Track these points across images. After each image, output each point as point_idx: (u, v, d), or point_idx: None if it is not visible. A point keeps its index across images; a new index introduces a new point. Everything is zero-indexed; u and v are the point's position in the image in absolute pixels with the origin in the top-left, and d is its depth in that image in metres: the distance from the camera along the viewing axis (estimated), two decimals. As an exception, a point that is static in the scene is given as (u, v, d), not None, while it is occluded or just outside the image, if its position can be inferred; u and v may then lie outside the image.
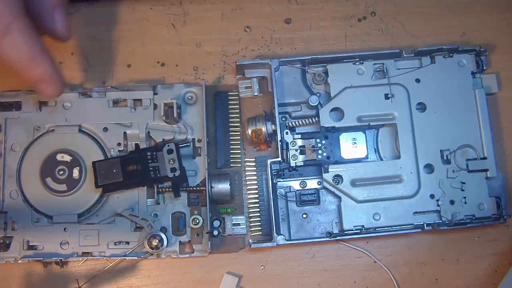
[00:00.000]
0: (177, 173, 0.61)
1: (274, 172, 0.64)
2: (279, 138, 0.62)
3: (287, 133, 0.63)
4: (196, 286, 0.64)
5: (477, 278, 0.64)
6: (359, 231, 0.62)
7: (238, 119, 0.65)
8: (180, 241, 0.63)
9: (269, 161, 0.62)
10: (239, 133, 0.65)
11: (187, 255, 0.63)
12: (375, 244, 0.65)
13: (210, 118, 0.65)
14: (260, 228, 0.64)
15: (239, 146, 0.65)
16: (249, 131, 0.63)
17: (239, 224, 0.64)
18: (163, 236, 0.61)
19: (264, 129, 0.63)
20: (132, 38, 0.68)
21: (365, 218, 0.62)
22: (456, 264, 0.65)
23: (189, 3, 0.69)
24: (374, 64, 0.64)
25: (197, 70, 0.68)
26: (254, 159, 0.65)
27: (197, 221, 0.62)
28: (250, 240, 0.62)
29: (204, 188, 0.62)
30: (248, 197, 0.65)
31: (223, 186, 0.62)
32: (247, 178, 0.65)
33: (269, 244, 0.61)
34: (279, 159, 0.62)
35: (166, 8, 0.69)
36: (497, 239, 0.65)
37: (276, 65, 0.64)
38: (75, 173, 0.63)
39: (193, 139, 0.65)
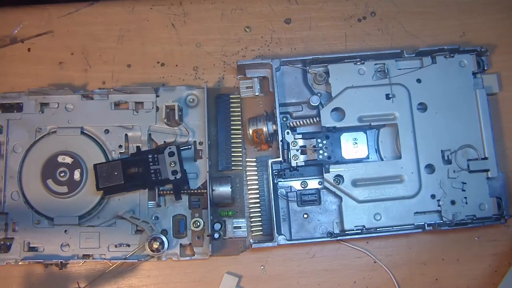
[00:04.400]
0: (178, 175, 0.59)
1: (275, 172, 0.61)
2: (280, 138, 0.60)
3: (288, 133, 0.61)
4: (196, 286, 0.62)
5: (477, 278, 0.62)
6: (360, 231, 0.60)
7: (240, 122, 0.63)
8: (181, 244, 0.61)
9: (270, 161, 0.60)
10: (240, 136, 0.63)
11: (187, 258, 0.61)
12: (375, 244, 0.63)
13: (211, 120, 0.63)
14: (261, 228, 0.62)
15: (241, 149, 0.63)
16: (250, 131, 0.61)
17: (240, 227, 0.62)
18: (164, 238, 0.59)
19: (265, 129, 0.61)
20: (132, 38, 0.66)
21: (366, 218, 0.60)
22: (456, 264, 0.62)
23: (189, 3, 0.67)
24: (375, 64, 0.62)
25: (197, 70, 0.65)
26: (255, 159, 0.63)
27: (198, 223, 0.60)
28: (251, 240, 0.60)
29: (205, 191, 0.60)
30: (249, 197, 0.63)
31: (224, 189, 0.60)
32: (248, 178, 0.63)
33: (270, 244, 0.59)
34: (280, 159, 0.60)
35: (166, 8, 0.66)
36: (497, 239, 0.63)
37: (277, 65, 0.62)
38: (76, 175, 0.61)
39: (195, 141, 0.62)
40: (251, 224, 0.62)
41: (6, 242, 0.60)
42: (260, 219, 0.62)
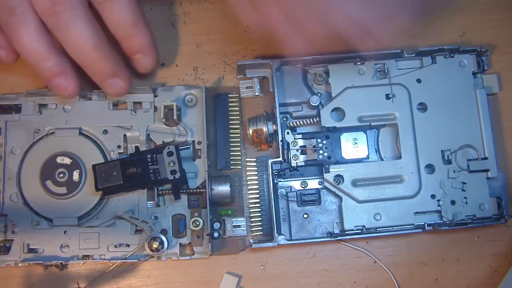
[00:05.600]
0: (177, 175, 0.58)
1: (275, 172, 0.61)
2: (280, 138, 0.59)
3: (288, 133, 0.60)
4: (196, 286, 0.61)
5: (477, 278, 0.62)
6: (360, 231, 0.59)
7: (238, 121, 0.63)
8: (180, 243, 0.60)
9: (270, 161, 0.59)
10: (239, 135, 0.62)
11: (187, 257, 0.60)
12: (375, 244, 0.62)
13: (210, 120, 0.62)
14: (261, 228, 0.61)
15: (239, 148, 0.62)
16: (250, 131, 0.61)
17: (239, 226, 0.61)
18: (164, 238, 0.58)
19: (265, 129, 0.60)
20: (132, 38, 0.65)
21: (366, 218, 0.59)
22: (456, 264, 0.62)
23: (189, 3, 0.66)
24: (375, 64, 0.61)
25: (197, 70, 0.65)
26: (255, 159, 0.63)
27: (198, 223, 0.60)
28: (251, 240, 0.59)
29: (204, 190, 0.60)
30: (249, 197, 0.62)
31: (223, 188, 0.59)
32: (248, 178, 0.62)
33: (270, 244, 0.58)
34: (280, 159, 0.59)
35: (166, 8, 0.66)
36: (497, 239, 0.62)
37: (277, 65, 0.61)
38: (75, 175, 0.60)
39: (193, 141, 0.62)
40: (251, 224, 0.61)
41: (6, 244, 0.60)
42: (260, 219, 0.61)
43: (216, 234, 0.60)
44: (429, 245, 0.62)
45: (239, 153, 0.62)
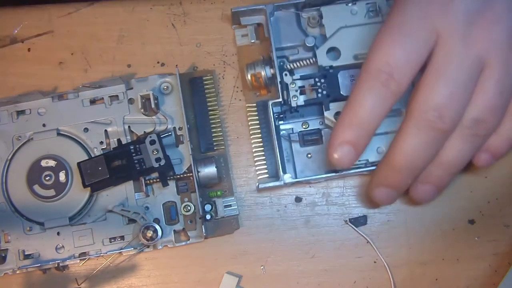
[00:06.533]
0: (162, 162, 0.59)
1: (276, 115, 0.61)
2: (278, 80, 0.59)
3: (286, 74, 0.60)
4: (196, 286, 0.61)
5: (477, 278, 0.61)
6: (363, 165, 0.59)
7: (216, 103, 0.63)
8: (174, 230, 0.60)
9: (270, 102, 0.59)
10: (218, 116, 0.63)
11: (183, 243, 0.60)
12: (376, 244, 0.61)
13: (188, 105, 0.62)
14: (266, 171, 0.61)
15: (220, 129, 0.63)
16: (249, 76, 0.61)
17: (230, 205, 0.61)
18: (157, 226, 0.58)
19: (263, 72, 0.60)
20: (132, 38, 0.65)
21: (369, 151, 0.58)
22: (456, 264, 0.61)
23: (189, 3, 0.66)
24: (367, 3, 0.61)
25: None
26: (255, 104, 0.62)
27: (189, 208, 0.60)
28: (257, 183, 0.60)
29: (191, 174, 0.60)
30: (252, 141, 0.62)
31: (210, 170, 0.60)
32: (250, 123, 0.62)
33: (276, 183, 0.58)
34: (280, 99, 0.59)
35: (166, 8, 0.66)
36: (497, 239, 0.62)
37: (271, 9, 0.61)
38: (62, 176, 0.60)
39: (174, 127, 0.62)
40: (256, 169, 0.62)
41: (1, 253, 0.59)
42: (265, 162, 0.61)
43: (208, 216, 0.59)
44: (429, 245, 0.61)
45: (221, 134, 0.62)
